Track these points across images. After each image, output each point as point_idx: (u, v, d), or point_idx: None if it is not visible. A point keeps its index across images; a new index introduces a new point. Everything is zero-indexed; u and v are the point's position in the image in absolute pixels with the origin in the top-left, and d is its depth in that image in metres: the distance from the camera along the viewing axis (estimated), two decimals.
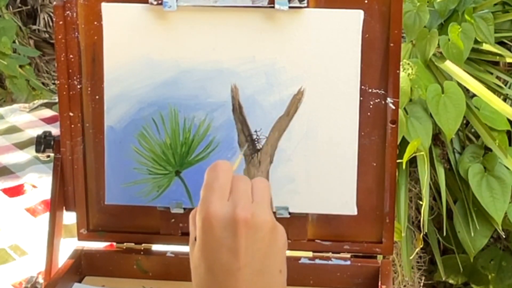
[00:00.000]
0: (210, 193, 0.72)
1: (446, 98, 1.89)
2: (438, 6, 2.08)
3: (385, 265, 0.98)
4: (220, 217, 0.70)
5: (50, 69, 3.45)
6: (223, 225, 0.70)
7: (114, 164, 0.98)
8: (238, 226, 0.69)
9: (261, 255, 0.70)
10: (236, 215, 0.70)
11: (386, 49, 0.94)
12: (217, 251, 0.70)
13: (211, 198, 0.71)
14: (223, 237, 0.69)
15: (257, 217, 0.70)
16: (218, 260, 0.70)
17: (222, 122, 0.96)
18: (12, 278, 1.26)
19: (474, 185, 1.94)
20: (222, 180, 0.73)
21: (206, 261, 0.70)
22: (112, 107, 0.97)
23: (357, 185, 0.96)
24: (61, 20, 0.96)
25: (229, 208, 0.70)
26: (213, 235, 0.70)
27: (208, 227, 0.70)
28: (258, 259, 0.70)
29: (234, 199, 0.71)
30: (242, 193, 0.72)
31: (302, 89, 0.95)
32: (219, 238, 0.70)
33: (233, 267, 0.69)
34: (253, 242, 0.70)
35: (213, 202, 0.70)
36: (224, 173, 0.73)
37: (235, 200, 0.71)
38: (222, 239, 0.70)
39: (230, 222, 0.70)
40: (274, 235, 0.72)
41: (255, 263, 0.70)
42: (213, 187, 0.72)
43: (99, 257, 1.02)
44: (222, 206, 0.70)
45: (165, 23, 0.95)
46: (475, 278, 2.21)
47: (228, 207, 0.70)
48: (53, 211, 1.00)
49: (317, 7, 0.93)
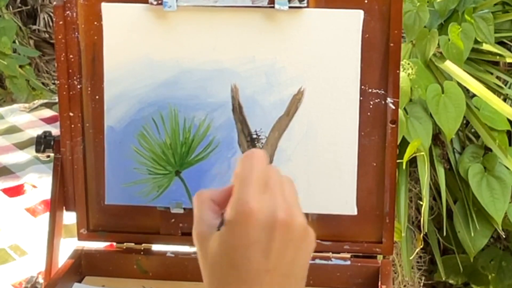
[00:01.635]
0: (248, 186, 0.66)
1: (446, 98, 1.89)
2: (438, 6, 2.08)
3: (385, 265, 0.98)
4: (259, 215, 0.65)
5: (50, 69, 3.45)
6: (261, 224, 0.65)
7: (114, 164, 0.98)
8: (276, 228, 0.66)
9: (289, 259, 0.68)
10: (276, 216, 0.66)
11: (386, 49, 0.94)
12: (248, 249, 0.66)
13: (249, 192, 0.66)
14: (258, 236, 0.65)
15: (294, 219, 0.67)
16: (246, 259, 0.66)
17: (222, 122, 0.96)
18: (12, 278, 1.26)
19: (474, 185, 1.94)
20: (259, 171, 0.68)
21: (231, 258, 0.66)
22: (112, 107, 0.97)
23: (357, 185, 0.96)
24: (61, 20, 0.96)
25: (269, 207, 0.66)
26: (247, 232, 0.65)
27: (243, 223, 0.65)
28: (287, 263, 0.67)
29: (272, 196, 0.67)
30: (278, 190, 0.68)
31: (302, 89, 0.95)
32: (253, 236, 0.65)
33: (261, 268, 0.66)
34: (286, 245, 0.67)
35: (252, 197, 0.66)
36: (261, 164, 0.68)
37: (273, 198, 0.67)
38: (256, 238, 0.65)
39: (269, 222, 0.66)
40: (305, 239, 0.69)
41: (283, 267, 0.67)
42: (250, 179, 0.67)
43: (99, 257, 1.02)
44: (262, 204, 0.66)
45: (165, 23, 0.95)
46: (475, 278, 2.21)
47: (268, 206, 0.66)
48: (53, 211, 1.00)
49: (317, 7, 0.93)
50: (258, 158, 0.69)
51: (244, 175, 0.68)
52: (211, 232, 0.68)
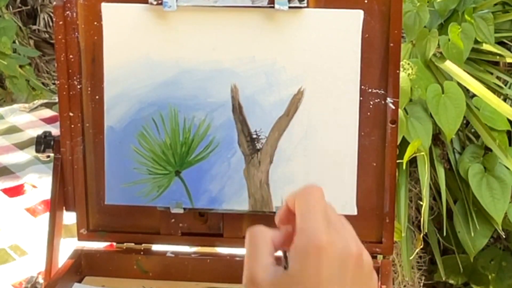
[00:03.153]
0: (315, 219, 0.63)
1: (446, 98, 1.89)
2: (438, 6, 2.08)
3: (385, 265, 0.98)
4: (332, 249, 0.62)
5: (50, 69, 3.45)
6: (334, 258, 0.63)
7: (114, 164, 0.98)
8: (350, 262, 0.63)
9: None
10: (350, 250, 0.63)
11: (386, 49, 0.94)
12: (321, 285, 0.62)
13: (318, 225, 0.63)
14: (331, 270, 0.62)
15: (364, 251, 0.65)
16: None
17: (222, 122, 0.96)
18: (12, 278, 1.26)
19: (474, 185, 1.94)
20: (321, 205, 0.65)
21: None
22: (112, 107, 0.97)
23: (357, 185, 0.96)
24: (61, 20, 0.96)
25: (340, 241, 0.63)
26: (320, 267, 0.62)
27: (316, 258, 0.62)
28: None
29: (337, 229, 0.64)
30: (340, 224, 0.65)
31: (302, 89, 0.95)
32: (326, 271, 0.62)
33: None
34: (358, 279, 0.64)
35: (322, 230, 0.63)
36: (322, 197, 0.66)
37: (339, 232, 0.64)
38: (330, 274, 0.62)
39: (342, 256, 0.63)
40: (372, 277, 0.67)
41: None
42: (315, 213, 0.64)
43: (99, 257, 1.02)
44: (333, 237, 0.63)
45: (165, 23, 0.95)
46: (475, 278, 2.21)
47: (339, 239, 0.63)
48: (53, 211, 1.00)
49: (317, 7, 0.93)
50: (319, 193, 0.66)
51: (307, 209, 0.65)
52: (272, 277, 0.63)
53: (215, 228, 1.01)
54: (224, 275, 1.00)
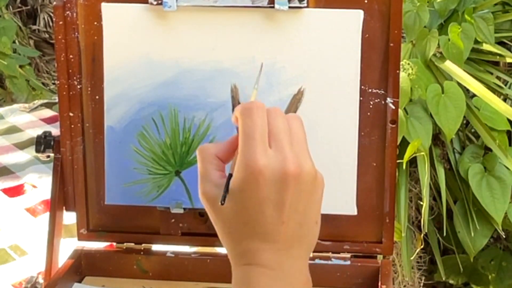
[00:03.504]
0: (252, 144, 0.66)
1: (446, 98, 1.89)
2: (438, 6, 2.08)
3: (385, 265, 0.98)
4: (269, 172, 0.66)
5: (50, 69, 3.45)
6: (271, 180, 0.66)
7: (114, 164, 0.98)
8: (287, 181, 0.66)
9: (302, 207, 0.68)
10: (286, 170, 0.66)
11: (386, 49, 0.94)
12: (261, 205, 0.66)
13: (255, 150, 0.66)
14: (270, 192, 0.66)
15: (303, 169, 0.67)
16: (260, 214, 0.66)
17: (222, 122, 0.96)
18: (12, 278, 1.26)
19: (474, 185, 1.94)
20: (261, 125, 0.67)
21: (244, 215, 0.67)
22: (112, 107, 0.97)
23: (357, 185, 0.96)
24: (61, 20, 0.96)
25: (277, 162, 0.66)
26: (259, 190, 0.66)
27: (253, 181, 0.66)
28: (300, 212, 0.68)
29: (279, 148, 0.67)
30: (284, 139, 0.68)
31: (302, 89, 0.95)
32: (265, 193, 0.66)
33: (276, 221, 0.67)
34: (298, 195, 0.67)
35: (259, 155, 0.66)
36: (260, 116, 0.68)
37: (280, 150, 0.67)
38: (268, 194, 0.66)
39: (279, 177, 0.66)
40: (315, 185, 0.69)
41: (297, 216, 0.68)
42: (254, 137, 0.67)
43: (99, 257, 1.02)
44: (269, 160, 0.66)
45: (165, 23, 0.95)
46: (475, 278, 2.21)
47: (276, 160, 0.66)
48: (53, 211, 1.00)
49: (317, 7, 0.93)
50: (258, 111, 0.69)
51: (246, 132, 0.68)
52: (219, 192, 0.69)
53: (215, 228, 1.00)
54: (224, 275, 1.00)
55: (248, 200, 0.67)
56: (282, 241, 0.68)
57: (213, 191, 0.70)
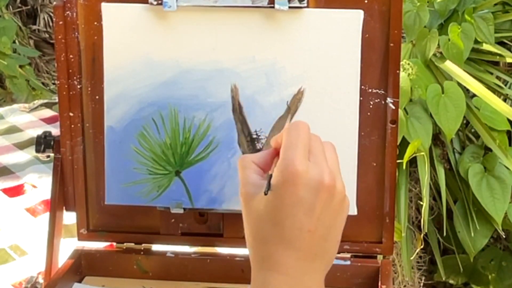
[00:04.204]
0: (295, 151, 0.71)
1: (446, 98, 1.89)
2: (438, 6, 2.08)
3: (385, 265, 0.98)
4: (306, 177, 0.70)
5: (50, 69, 3.45)
6: (307, 186, 0.70)
7: (114, 164, 0.98)
8: (322, 191, 0.70)
9: (329, 222, 0.71)
10: (323, 180, 0.70)
11: (386, 49, 0.94)
12: (293, 208, 0.70)
13: (297, 157, 0.71)
14: (304, 196, 0.70)
15: (337, 185, 0.72)
16: (291, 217, 0.70)
17: (222, 122, 0.96)
18: (12, 278, 1.26)
19: (474, 185, 1.94)
20: (304, 139, 0.72)
21: (276, 216, 0.70)
22: (112, 107, 0.97)
23: (357, 185, 0.96)
24: (61, 20, 0.96)
25: (315, 171, 0.70)
26: (295, 193, 0.70)
27: (292, 184, 0.70)
28: (326, 226, 0.71)
29: (317, 161, 0.72)
30: (321, 156, 0.73)
31: (302, 89, 0.95)
32: (299, 196, 0.70)
33: (304, 227, 0.70)
34: (327, 208, 0.71)
35: (300, 161, 0.70)
36: (306, 132, 0.73)
37: (318, 163, 0.71)
38: (301, 198, 0.70)
39: (315, 185, 0.70)
40: (342, 206, 0.73)
41: (323, 229, 0.71)
42: (297, 145, 0.71)
43: (99, 257, 1.02)
44: (309, 167, 0.70)
45: (165, 23, 0.95)
46: (475, 278, 2.21)
47: (315, 169, 0.71)
48: (53, 211, 1.00)
49: (317, 7, 0.93)
50: (304, 128, 0.74)
51: (290, 142, 0.72)
52: (256, 192, 0.72)
53: (215, 228, 1.01)
54: (224, 275, 1.00)
55: (281, 201, 0.70)
56: (306, 250, 0.70)
57: (251, 189, 0.73)
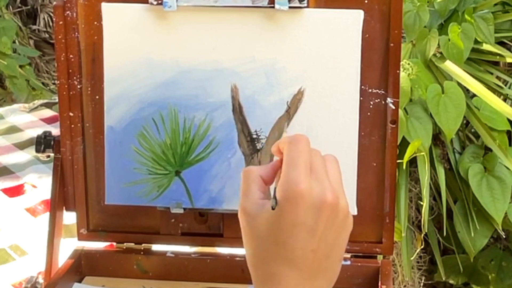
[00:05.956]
0: (297, 169, 0.70)
1: (446, 98, 1.89)
2: (438, 6, 2.08)
3: (385, 265, 0.98)
4: (309, 196, 0.69)
5: (50, 69, 3.45)
6: (310, 205, 0.69)
7: (114, 164, 0.98)
8: (324, 209, 0.69)
9: (332, 240, 0.70)
10: (325, 198, 0.69)
11: (386, 49, 0.94)
12: (295, 227, 0.69)
13: (299, 176, 0.69)
14: (306, 215, 0.69)
15: (340, 203, 0.70)
16: (294, 238, 0.69)
17: (222, 122, 0.96)
18: (12, 278, 1.26)
19: (474, 185, 1.94)
20: (305, 155, 0.71)
21: (278, 236, 0.69)
22: (112, 107, 0.97)
23: (357, 185, 0.96)
24: (61, 20, 0.96)
25: (317, 189, 0.69)
26: (297, 212, 0.69)
27: (293, 202, 0.69)
28: (329, 244, 0.70)
29: (318, 178, 0.70)
30: (323, 172, 0.71)
31: (302, 89, 0.95)
32: (302, 216, 0.69)
33: (307, 247, 0.69)
34: (330, 226, 0.70)
35: (302, 180, 0.69)
36: (306, 148, 0.72)
37: (320, 180, 0.70)
38: (304, 217, 0.69)
39: (317, 204, 0.69)
40: (346, 223, 0.72)
41: (325, 248, 0.70)
42: (298, 163, 0.70)
43: (99, 257, 1.02)
44: (311, 185, 0.69)
45: (165, 23, 0.95)
46: (475, 278, 2.21)
47: (317, 187, 0.69)
48: (53, 211, 1.00)
49: (317, 7, 0.93)
50: (304, 142, 0.72)
51: (292, 158, 0.71)
52: (258, 211, 0.71)
53: (215, 228, 1.01)
54: (224, 275, 1.00)
55: (284, 220, 0.69)
56: (308, 270, 0.70)
57: (253, 208, 0.72)
